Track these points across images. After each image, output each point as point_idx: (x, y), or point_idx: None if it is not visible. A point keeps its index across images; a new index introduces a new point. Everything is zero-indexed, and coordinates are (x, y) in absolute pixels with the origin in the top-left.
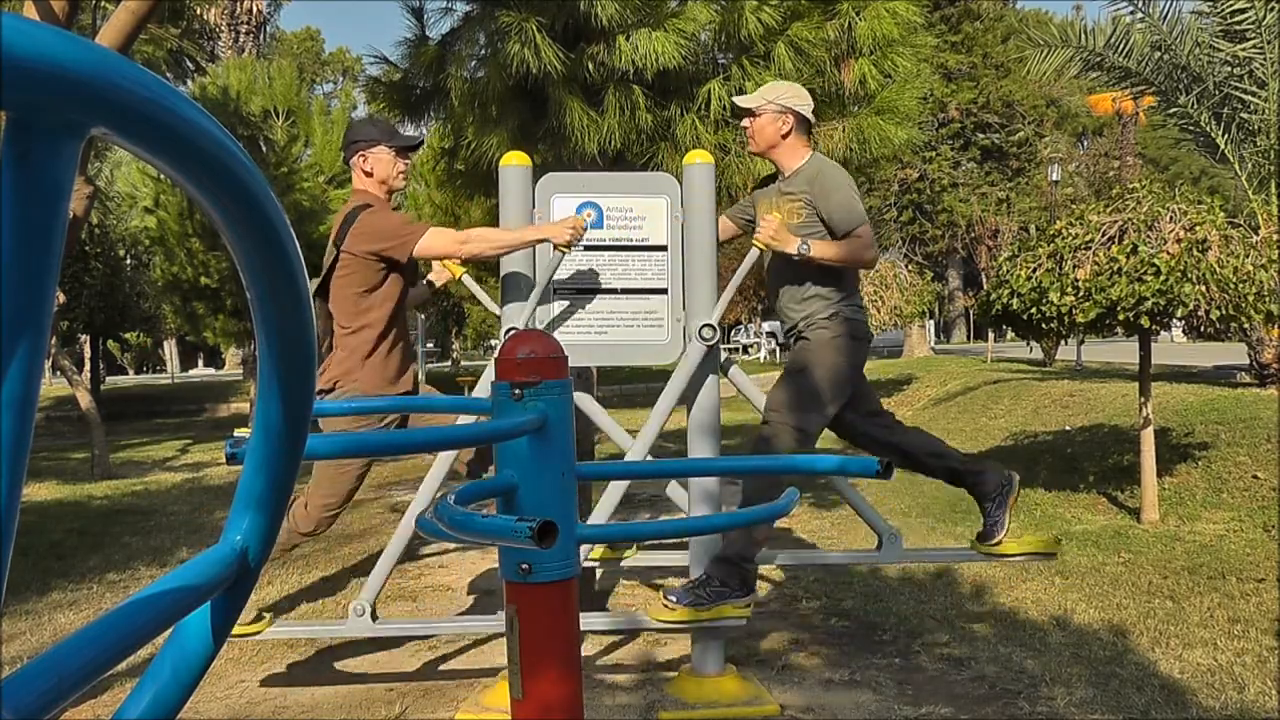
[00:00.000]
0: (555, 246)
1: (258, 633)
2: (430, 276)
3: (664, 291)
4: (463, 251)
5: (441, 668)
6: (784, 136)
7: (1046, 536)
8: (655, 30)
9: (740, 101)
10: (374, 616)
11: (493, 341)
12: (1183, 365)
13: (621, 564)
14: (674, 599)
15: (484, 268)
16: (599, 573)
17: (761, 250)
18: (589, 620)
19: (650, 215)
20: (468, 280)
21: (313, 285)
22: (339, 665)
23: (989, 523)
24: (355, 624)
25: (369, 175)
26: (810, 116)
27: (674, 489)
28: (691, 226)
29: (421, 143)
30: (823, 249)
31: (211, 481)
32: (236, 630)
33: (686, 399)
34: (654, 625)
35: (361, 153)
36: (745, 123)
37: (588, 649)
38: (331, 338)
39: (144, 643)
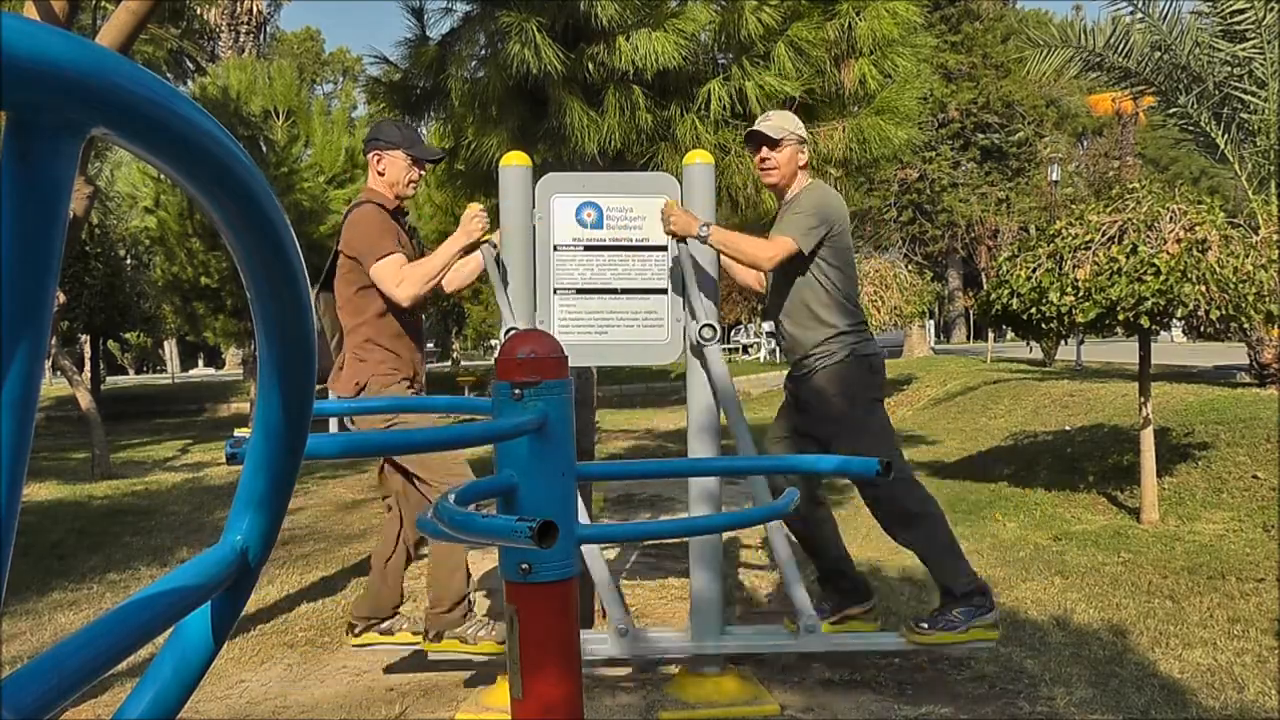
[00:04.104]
0: (478, 244)
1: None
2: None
3: (664, 291)
4: (399, 294)
5: (442, 668)
6: (801, 167)
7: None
8: (655, 30)
9: (769, 132)
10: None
11: (493, 341)
12: (1183, 365)
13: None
14: (925, 626)
15: None
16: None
17: (676, 239)
18: (724, 643)
19: (650, 215)
20: (489, 268)
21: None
22: (339, 665)
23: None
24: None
25: (380, 175)
26: None
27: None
28: None
29: (442, 158)
30: (722, 236)
31: (211, 481)
32: (435, 649)
33: (687, 400)
34: (805, 648)
35: (379, 152)
36: (764, 153)
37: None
38: (341, 334)
39: (144, 643)
